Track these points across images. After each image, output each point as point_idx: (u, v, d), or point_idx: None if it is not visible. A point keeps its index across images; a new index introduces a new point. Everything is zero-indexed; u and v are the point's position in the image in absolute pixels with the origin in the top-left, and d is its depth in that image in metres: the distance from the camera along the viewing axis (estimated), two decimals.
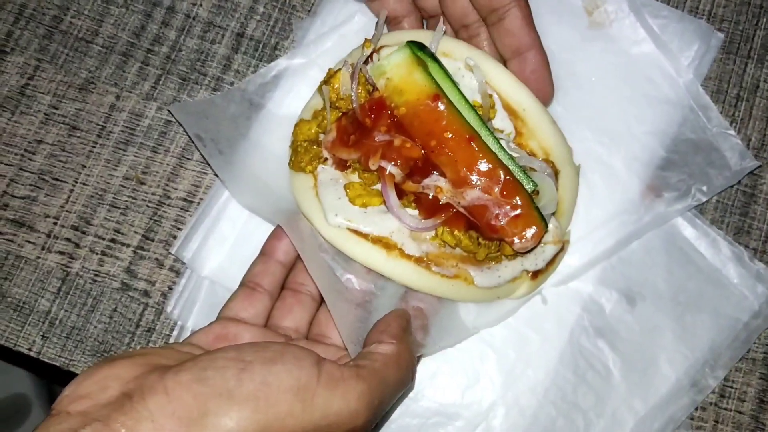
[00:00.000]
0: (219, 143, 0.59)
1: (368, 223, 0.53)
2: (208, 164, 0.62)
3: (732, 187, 0.62)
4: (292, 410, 0.41)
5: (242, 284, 0.54)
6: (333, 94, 0.55)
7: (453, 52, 0.54)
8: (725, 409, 0.59)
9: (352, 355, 0.50)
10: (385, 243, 0.53)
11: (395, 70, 0.51)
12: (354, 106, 0.53)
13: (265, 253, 0.55)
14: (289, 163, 0.57)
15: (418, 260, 0.53)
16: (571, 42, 0.63)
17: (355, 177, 0.55)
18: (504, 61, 0.56)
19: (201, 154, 0.61)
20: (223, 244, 0.60)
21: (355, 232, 0.53)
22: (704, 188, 0.61)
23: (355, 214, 0.53)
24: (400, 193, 0.53)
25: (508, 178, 0.51)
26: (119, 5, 0.66)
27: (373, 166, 0.52)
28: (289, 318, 0.54)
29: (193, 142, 0.61)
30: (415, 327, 0.53)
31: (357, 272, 0.53)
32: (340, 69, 0.56)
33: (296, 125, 0.58)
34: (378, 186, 0.54)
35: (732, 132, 0.62)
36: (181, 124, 0.61)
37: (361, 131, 0.53)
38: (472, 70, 0.54)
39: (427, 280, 0.53)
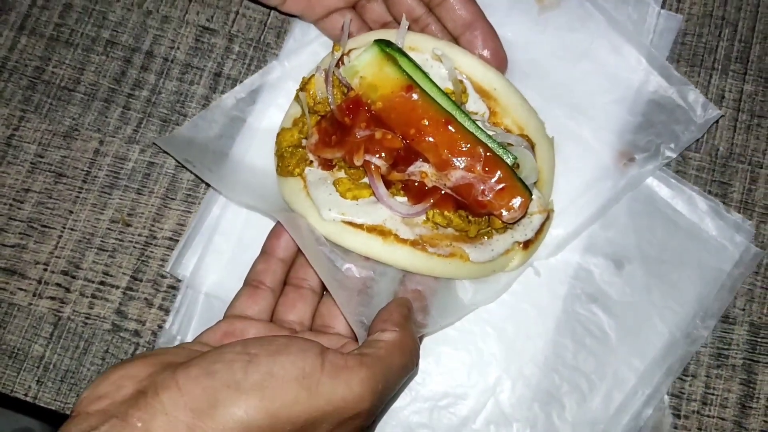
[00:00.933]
0: (209, 164, 0.61)
1: (361, 213, 0.54)
2: (190, 194, 0.63)
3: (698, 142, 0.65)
4: (298, 398, 0.43)
5: (246, 283, 0.56)
6: (310, 99, 0.57)
7: (419, 46, 0.57)
8: (708, 416, 0.60)
9: (360, 339, 0.52)
10: (380, 231, 0.54)
11: (367, 68, 0.53)
12: (331, 107, 0.55)
13: (265, 251, 0.57)
14: (276, 170, 0.59)
15: (414, 243, 0.54)
16: (525, 28, 0.66)
17: (342, 174, 0.56)
18: (456, 41, 0.59)
19: (192, 173, 0.63)
20: (220, 259, 0.62)
21: (350, 224, 0.54)
22: (672, 145, 0.63)
23: (348, 207, 0.55)
24: (388, 184, 0.55)
25: (488, 154, 0.53)
26: (99, 53, 0.67)
27: (357, 161, 0.54)
28: (293, 312, 0.55)
29: (174, 175, 0.62)
30: (415, 309, 0.55)
31: (356, 261, 0.55)
32: (314, 75, 0.58)
33: (278, 134, 0.60)
34: (365, 179, 0.55)
35: (691, 86, 0.64)
36: (168, 153, 0.63)
37: (341, 131, 0.55)
38: (440, 59, 0.56)
39: (425, 262, 0.54)
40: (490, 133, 0.55)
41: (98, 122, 0.66)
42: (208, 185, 0.64)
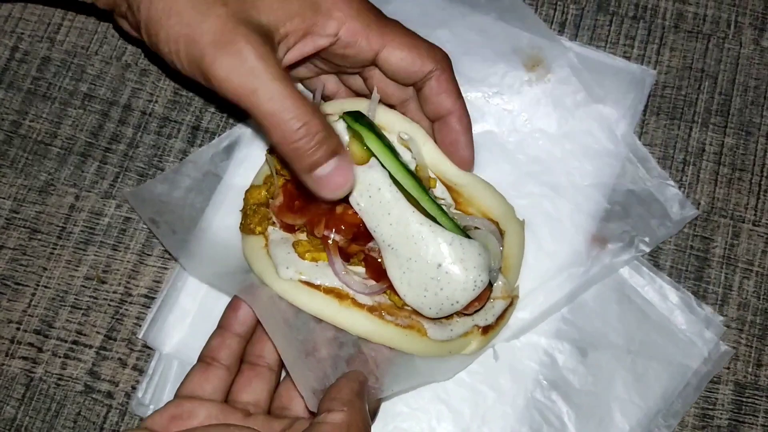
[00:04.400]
0: (173, 224, 0.60)
1: (319, 275, 0.53)
2: (166, 250, 0.62)
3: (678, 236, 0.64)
4: None
5: (199, 359, 0.54)
6: (276, 163, 0.57)
7: (387, 125, 0.56)
8: None
9: (313, 409, 0.50)
10: (337, 293, 0.53)
11: None
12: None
13: (221, 326, 0.55)
14: (240, 227, 0.58)
15: (371, 309, 0.53)
16: (512, 97, 0.65)
17: (303, 236, 0.56)
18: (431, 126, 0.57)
19: (158, 239, 0.62)
20: (184, 319, 0.60)
21: (307, 283, 0.53)
22: (647, 239, 0.62)
23: (306, 267, 0.54)
24: (347, 255, 0.54)
25: None
26: (77, 107, 0.67)
27: (317, 233, 0.53)
28: (248, 391, 0.53)
29: (151, 231, 0.62)
30: (367, 373, 0.52)
31: (312, 324, 0.53)
32: None
33: (247, 191, 0.59)
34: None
35: (671, 182, 0.63)
36: (135, 211, 0.62)
37: (306, 195, 0.53)
38: (407, 145, 0.55)
39: (381, 330, 0.53)
40: (457, 215, 0.54)
41: (74, 177, 0.65)
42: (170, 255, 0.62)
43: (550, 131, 0.64)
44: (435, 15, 0.67)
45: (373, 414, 0.54)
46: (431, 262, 0.52)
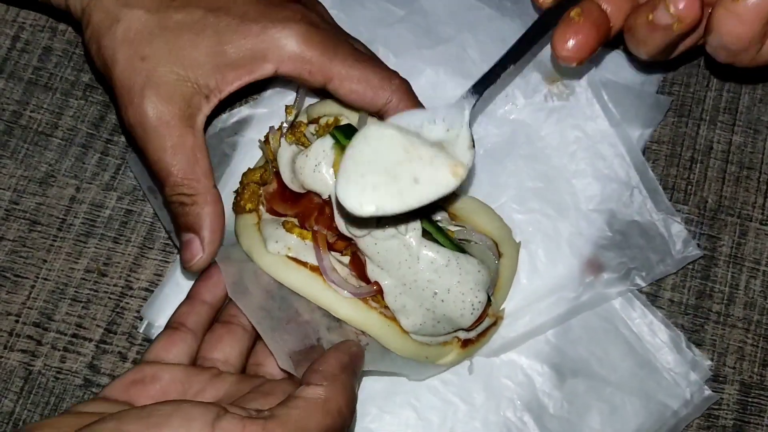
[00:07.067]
0: None
1: (308, 253, 0.52)
2: (166, 243, 0.62)
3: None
4: None
5: (165, 327, 0.52)
6: (269, 153, 0.56)
7: None
8: None
9: (291, 372, 0.49)
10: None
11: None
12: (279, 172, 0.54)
13: (190, 296, 0.54)
14: (232, 207, 0.57)
15: None
16: (530, 109, 0.64)
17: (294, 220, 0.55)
18: None
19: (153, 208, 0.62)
20: (178, 293, 0.59)
21: (294, 259, 0.52)
22: (643, 274, 0.60)
23: (295, 243, 0.52)
24: (336, 251, 0.53)
25: None
26: (78, 97, 0.66)
27: (309, 227, 0.53)
28: (218, 349, 0.51)
29: (152, 225, 0.61)
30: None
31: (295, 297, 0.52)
32: (280, 128, 0.57)
33: (244, 173, 0.58)
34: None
35: (677, 218, 0.61)
36: (136, 178, 0.62)
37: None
38: None
39: (364, 315, 0.52)
40: (453, 229, 0.53)
41: (75, 168, 0.64)
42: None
43: (562, 150, 0.63)
44: (462, 16, 0.65)
45: None
46: (427, 289, 0.51)
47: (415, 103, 0.54)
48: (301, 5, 0.54)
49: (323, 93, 0.56)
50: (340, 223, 0.51)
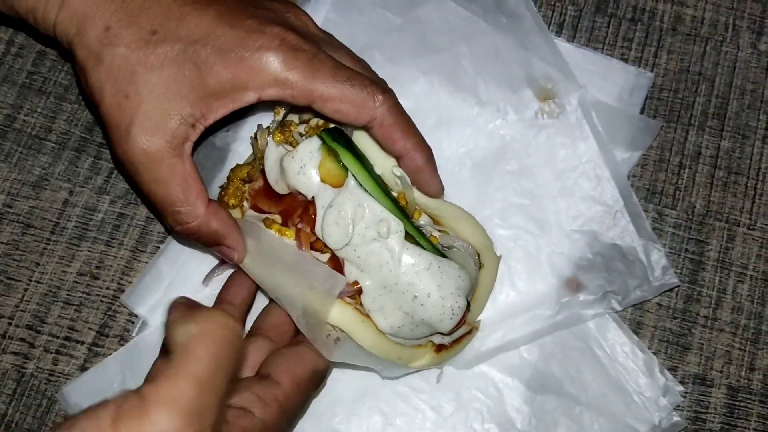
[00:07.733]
0: None
1: None
2: (158, 243, 0.62)
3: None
4: None
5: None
6: (258, 151, 0.57)
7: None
8: None
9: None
10: None
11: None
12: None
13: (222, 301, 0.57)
14: (217, 200, 0.57)
15: None
16: (518, 126, 0.64)
17: (277, 217, 0.56)
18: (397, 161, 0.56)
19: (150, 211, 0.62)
20: (161, 282, 0.60)
21: None
22: (620, 298, 0.60)
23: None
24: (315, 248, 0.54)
25: None
26: (72, 102, 0.67)
27: (291, 225, 0.53)
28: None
29: (144, 227, 0.62)
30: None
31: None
32: (268, 127, 0.57)
33: (232, 169, 0.58)
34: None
35: (658, 245, 0.62)
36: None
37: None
38: (398, 179, 0.55)
39: (339, 310, 0.52)
40: (437, 234, 0.54)
41: (68, 172, 0.65)
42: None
43: (550, 167, 0.63)
44: (458, 28, 0.66)
45: (322, 378, 0.53)
46: (407, 292, 0.52)
47: (401, 118, 0.54)
48: (281, 22, 0.53)
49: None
50: (321, 233, 0.52)
